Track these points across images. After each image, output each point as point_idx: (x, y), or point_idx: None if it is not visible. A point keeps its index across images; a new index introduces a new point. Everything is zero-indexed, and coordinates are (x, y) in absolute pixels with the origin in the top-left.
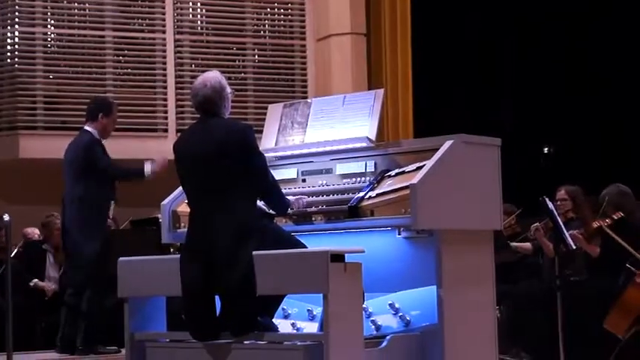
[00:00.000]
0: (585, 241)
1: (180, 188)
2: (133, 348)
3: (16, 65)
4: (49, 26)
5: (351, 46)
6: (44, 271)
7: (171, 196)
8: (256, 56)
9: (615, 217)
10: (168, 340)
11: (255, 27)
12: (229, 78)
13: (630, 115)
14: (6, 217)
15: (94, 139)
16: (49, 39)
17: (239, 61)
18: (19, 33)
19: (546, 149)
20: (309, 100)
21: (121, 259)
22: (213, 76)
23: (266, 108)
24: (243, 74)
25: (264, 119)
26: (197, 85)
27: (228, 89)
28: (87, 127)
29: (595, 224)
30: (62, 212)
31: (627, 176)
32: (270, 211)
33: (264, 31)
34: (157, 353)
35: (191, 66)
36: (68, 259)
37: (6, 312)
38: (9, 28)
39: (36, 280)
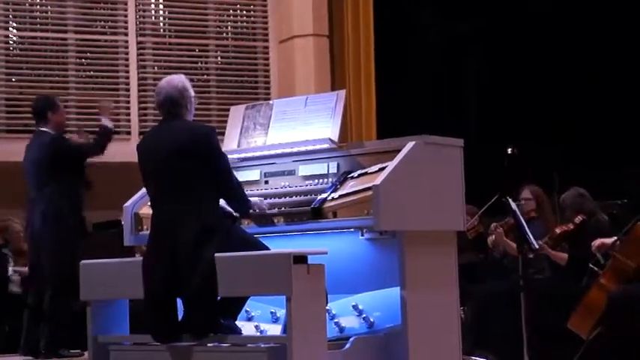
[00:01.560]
0: (552, 250)
1: (143, 190)
2: (97, 351)
3: None
4: (10, 29)
5: (313, 47)
6: (6, 275)
7: (134, 198)
8: (219, 58)
9: (577, 222)
10: (131, 342)
11: (218, 29)
12: (192, 80)
13: (594, 117)
14: None
15: (55, 136)
16: (11, 41)
17: (202, 63)
18: None
19: (510, 150)
20: (271, 102)
21: (83, 262)
22: (178, 77)
23: (229, 110)
24: (205, 76)
25: (227, 121)
26: (161, 84)
27: (192, 92)
28: (42, 128)
29: (558, 230)
30: (28, 214)
31: (587, 178)
32: (234, 213)
33: (227, 33)
34: (120, 356)
35: (154, 68)
36: (39, 259)
37: None
38: None
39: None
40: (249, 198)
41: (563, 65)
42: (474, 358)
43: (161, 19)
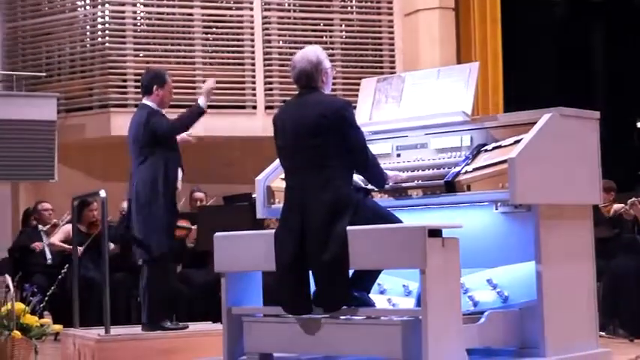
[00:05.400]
0: None
1: (275, 164)
2: (230, 322)
3: (107, 44)
4: (138, 4)
5: (439, 20)
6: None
7: (266, 171)
8: (344, 32)
9: None
10: (264, 314)
11: (343, 3)
12: None
13: None
14: (102, 193)
15: (152, 110)
16: (139, 17)
17: (326, 38)
18: (110, 12)
19: None
20: (402, 74)
21: (217, 234)
22: (313, 50)
23: (354, 84)
24: (330, 50)
25: (352, 95)
26: (295, 57)
27: (328, 64)
28: (145, 101)
29: None
30: (129, 187)
31: None
32: (369, 185)
33: (352, 7)
34: (253, 327)
35: (279, 43)
36: (135, 235)
37: (103, 286)
38: (99, 7)
39: None
40: (386, 171)
41: None
42: (605, 333)
43: None
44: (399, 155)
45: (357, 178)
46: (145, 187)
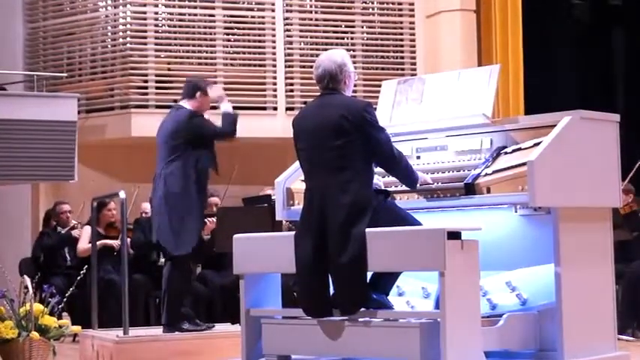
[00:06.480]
0: None
1: (294, 165)
2: (249, 324)
3: (128, 45)
4: (160, 5)
5: (460, 22)
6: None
7: (286, 173)
8: (365, 34)
9: None
10: (283, 316)
11: (364, 4)
12: None
13: None
14: (122, 195)
15: (194, 112)
16: (160, 18)
17: (348, 39)
18: (131, 12)
19: None
20: (423, 77)
21: (236, 235)
22: (339, 52)
23: (375, 85)
24: (352, 52)
25: (372, 96)
26: (321, 58)
27: (351, 68)
28: (183, 104)
29: None
30: (154, 187)
31: None
32: (391, 187)
33: (373, 9)
34: (272, 329)
35: (300, 44)
36: (161, 234)
37: (122, 288)
38: (121, 7)
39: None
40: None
41: None
42: (625, 336)
43: None
44: (418, 157)
45: (378, 179)
46: (177, 184)
